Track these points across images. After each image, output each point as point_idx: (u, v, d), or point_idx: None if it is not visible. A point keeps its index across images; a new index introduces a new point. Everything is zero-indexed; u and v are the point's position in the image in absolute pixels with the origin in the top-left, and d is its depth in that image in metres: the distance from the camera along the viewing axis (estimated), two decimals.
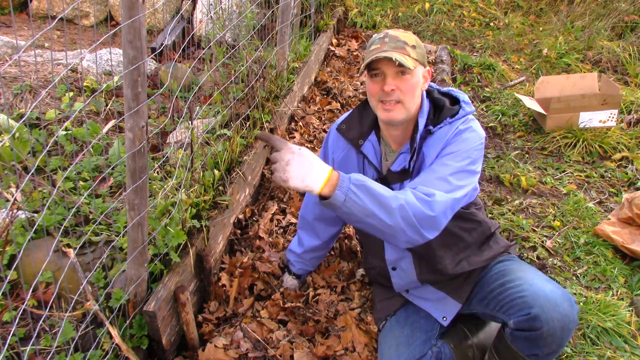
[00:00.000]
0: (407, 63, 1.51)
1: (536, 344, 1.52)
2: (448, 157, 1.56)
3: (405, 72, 1.55)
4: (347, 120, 1.81)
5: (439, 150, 1.60)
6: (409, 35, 1.59)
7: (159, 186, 2.12)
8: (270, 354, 1.88)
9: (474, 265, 1.79)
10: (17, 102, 3.00)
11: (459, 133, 1.59)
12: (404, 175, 1.69)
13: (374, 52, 1.55)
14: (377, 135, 1.75)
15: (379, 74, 1.57)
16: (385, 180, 1.72)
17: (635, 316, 2.18)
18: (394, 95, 1.56)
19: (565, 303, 1.50)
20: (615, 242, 2.53)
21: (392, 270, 1.90)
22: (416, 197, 1.46)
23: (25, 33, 4.30)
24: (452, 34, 5.21)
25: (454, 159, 1.56)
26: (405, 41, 1.56)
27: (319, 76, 3.88)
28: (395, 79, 1.55)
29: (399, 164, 1.69)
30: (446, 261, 1.77)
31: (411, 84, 1.56)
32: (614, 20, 5.04)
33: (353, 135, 1.77)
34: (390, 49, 1.53)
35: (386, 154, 1.75)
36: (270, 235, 2.43)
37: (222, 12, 3.28)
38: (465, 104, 1.66)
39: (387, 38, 1.57)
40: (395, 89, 1.55)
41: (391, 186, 1.71)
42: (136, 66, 1.37)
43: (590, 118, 3.47)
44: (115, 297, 1.73)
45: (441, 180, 1.52)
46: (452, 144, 1.58)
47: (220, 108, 2.67)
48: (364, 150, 1.75)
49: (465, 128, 1.59)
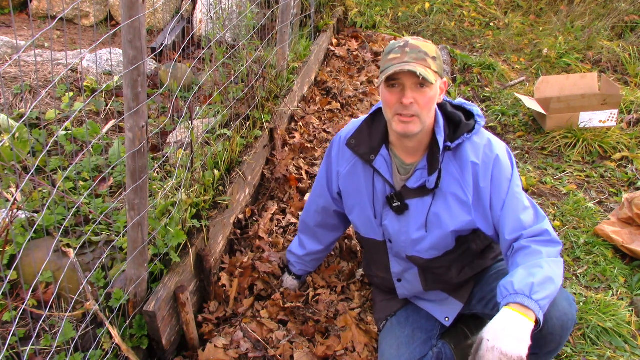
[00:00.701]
0: (430, 77, 1.46)
1: (536, 343, 1.52)
2: (510, 188, 1.57)
3: (425, 85, 1.49)
4: (356, 135, 1.73)
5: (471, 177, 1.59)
6: (430, 46, 1.53)
7: (159, 186, 2.12)
8: (270, 354, 1.88)
9: (477, 269, 1.80)
10: (17, 102, 3.00)
11: (497, 161, 1.58)
12: (422, 192, 1.65)
13: (394, 61, 1.49)
14: (387, 148, 1.70)
15: (397, 84, 1.51)
16: (400, 196, 1.68)
17: (635, 316, 2.18)
18: (412, 108, 1.50)
19: (564, 302, 1.50)
20: (615, 242, 2.53)
21: (397, 282, 1.90)
22: (541, 244, 1.49)
23: (25, 33, 4.30)
24: (452, 34, 5.21)
25: (514, 185, 1.58)
26: (426, 52, 1.50)
27: (319, 76, 3.88)
28: (414, 92, 1.49)
29: (416, 181, 1.64)
30: (452, 272, 1.77)
31: (430, 97, 1.51)
32: (614, 20, 5.04)
33: (364, 151, 1.71)
34: (412, 60, 1.47)
35: (398, 168, 1.70)
36: (270, 235, 2.43)
37: (222, 12, 3.28)
38: (479, 117, 1.63)
39: (408, 48, 1.50)
40: (414, 102, 1.50)
41: (405, 202, 1.68)
42: (136, 66, 1.37)
43: (590, 118, 3.47)
44: (115, 297, 1.73)
45: (526, 210, 1.55)
46: (501, 175, 1.58)
47: (220, 108, 2.67)
48: (375, 166, 1.69)
49: (497, 155, 1.59)
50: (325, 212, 1.99)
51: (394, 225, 1.74)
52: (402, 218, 1.71)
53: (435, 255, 1.73)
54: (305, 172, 2.81)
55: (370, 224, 1.80)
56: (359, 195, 1.79)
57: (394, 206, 1.69)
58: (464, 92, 4.21)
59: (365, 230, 1.84)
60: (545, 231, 1.51)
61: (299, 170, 2.81)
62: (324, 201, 1.96)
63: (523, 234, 1.51)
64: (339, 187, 1.87)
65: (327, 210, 1.98)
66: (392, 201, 1.69)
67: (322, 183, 1.93)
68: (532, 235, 1.50)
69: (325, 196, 1.94)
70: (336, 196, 1.92)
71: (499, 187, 1.57)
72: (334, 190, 1.91)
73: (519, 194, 1.57)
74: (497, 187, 1.57)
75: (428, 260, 1.75)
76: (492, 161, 1.58)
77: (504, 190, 1.57)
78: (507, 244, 1.54)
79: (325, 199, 1.95)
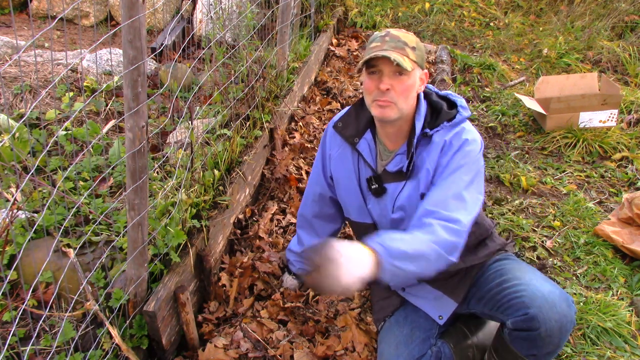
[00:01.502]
0: (405, 64, 1.51)
1: (534, 344, 1.52)
2: (458, 171, 1.56)
3: (402, 73, 1.55)
4: (344, 118, 1.81)
5: (437, 157, 1.60)
6: (410, 37, 1.59)
7: (159, 186, 2.12)
8: (270, 354, 1.88)
9: (469, 262, 1.79)
10: (17, 102, 3.00)
11: (462, 145, 1.58)
12: (399, 176, 1.69)
13: (374, 49, 1.55)
14: (372, 134, 1.76)
15: (376, 71, 1.58)
16: (379, 178, 1.73)
17: (635, 316, 2.18)
18: (388, 94, 1.56)
19: (563, 303, 1.50)
20: (615, 242, 2.53)
21: None
22: (445, 230, 1.46)
23: (25, 33, 4.30)
24: (452, 34, 5.21)
25: (464, 173, 1.56)
26: (405, 42, 1.56)
27: (319, 76, 3.88)
28: (391, 79, 1.55)
29: (395, 165, 1.69)
30: None
31: (407, 85, 1.56)
32: (614, 20, 5.04)
33: (349, 133, 1.77)
34: (390, 48, 1.53)
35: (381, 153, 1.75)
36: (270, 235, 2.43)
37: (222, 12, 3.28)
38: (462, 108, 1.66)
39: (388, 37, 1.57)
40: (390, 88, 1.55)
41: (384, 185, 1.72)
42: (136, 66, 1.37)
43: (590, 118, 3.47)
44: (115, 297, 1.73)
45: (457, 199, 1.52)
46: (457, 156, 1.57)
47: (220, 108, 2.67)
48: (358, 148, 1.75)
49: (466, 139, 1.59)
50: (322, 199, 2.01)
51: (375, 209, 1.79)
52: (381, 201, 1.75)
53: None
54: (305, 172, 2.81)
55: (360, 208, 1.84)
56: (347, 179, 1.83)
57: (372, 188, 1.75)
58: (464, 92, 4.21)
59: (355, 214, 1.88)
60: (459, 221, 1.49)
61: (299, 170, 2.81)
62: (320, 188, 1.99)
63: (440, 211, 1.50)
64: (331, 172, 1.91)
65: (324, 197, 2.00)
66: (371, 183, 1.74)
67: (318, 168, 1.96)
68: (445, 218, 1.49)
69: (321, 182, 1.97)
70: (330, 181, 1.95)
71: (449, 166, 1.58)
72: (328, 175, 1.94)
73: (462, 182, 1.55)
74: (448, 165, 1.58)
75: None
76: (459, 144, 1.59)
77: (452, 170, 1.57)
78: (421, 211, 1.54)
79: (322, 186, 1.98)
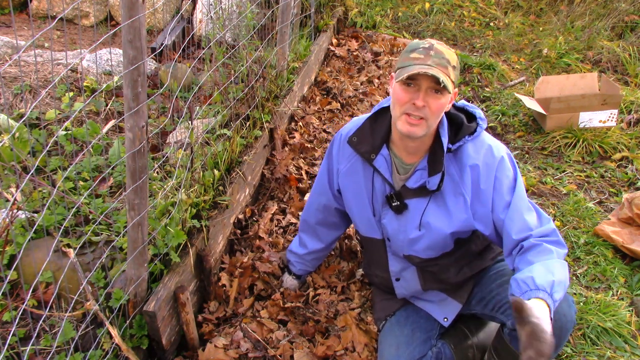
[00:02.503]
0: (449, 86, 1.46)
1: None
2: (512, 188, 1.58)
3: (440, 92, 1.49)
4: (358, 134, 1.72)
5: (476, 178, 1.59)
6: (453, 55, 1.53)
7: (159, 186, 2.12)
8: (270, 354, 1.88)
9: (476, 269, 1.80)
10: (17, 102, 3.00)
11: (500, 163, 1.59)
12: (421, 193, 1.65)
13: (417, 61, 1.48)
14: (387, 147, 1.70)
15: (413, 84, 1.50)
16: (399, 195, 1.68)
17: (635, 316, 2.18)
18: (422, 111, 1.50)
19: (563, 304, 1.50)
20: (615, 242, 2.53)
21: (395, 281, 1.90)
22: (552, 244, 1.50)
23: (25, 33, 4.30)
24: (452, 34, 5.21)
25: (515, 186, 1.59)
26: (449, 59, 1.49)
27: (319, 76, 3.88)
28: (428, 95, 1.49)
29: (416, 181, 1.64)
30: (450, 271, 1.77)
31: (441, 104, 1.51)
32: (614, 20, 5.04)
33: (365, 149, 1.70)
34: (434, 64, 1.46)
35: (397, 167, 1.70)
36: (270, 235, 2.43)
37: (222, 12, 3.28)
38: (481, 120, 1.63)
39: (433, 51, 1.49)
40: (426, 105, 1.50)
41: (405, 201, 1.68)
42: (136, 66, 1.37)
43: (590, 118, 3.47)
44: (115, 297, 1.73)
45: (530, 212, 1.56)
46: (501, 176, 1.58)
47: (220, 108, 2.67)
48: (375, 165, 1.69)
49: (501, 157, 1.60)
50: (326, 209, 1.99)
51: (392, 224, 1.74)
52: (401, 217, 1.71)
53: (431, 255, 1.73)
54: (305, 172, 2.81)
55: (369, 222, 1.81)
56: (358, 194, 1.79)
57: (393, 205, 1.70)
58: (464, 92, 4.21)
59: (364, 229, 1.85)
60: (554, 231, 1.53)
61: (299, 170, 2.81)
62: (325, 199, 1.96)
63: (532, 233, 1.51)
64: (339, 185, 1.87)
65: (328, 207, 1.98)
66: (392, 200, 1.70)
67: (324, 181, 1.93)
68: (541, 235, 1.51)
69: (327, 194, 1.94)
70: (337, 194, 1.92)
71: (501, 189, 1.57)
72: (334, 188, 1.91)
73: (523, 196, 1.58)
74: (500, 188, 1.57)
75: (425, 260, 1.75)
76: (496, 163, 1.58)
77: (508, 191, 1.57)
78: (514, 243, 1.54)
79: (327, 197, 1.95)
